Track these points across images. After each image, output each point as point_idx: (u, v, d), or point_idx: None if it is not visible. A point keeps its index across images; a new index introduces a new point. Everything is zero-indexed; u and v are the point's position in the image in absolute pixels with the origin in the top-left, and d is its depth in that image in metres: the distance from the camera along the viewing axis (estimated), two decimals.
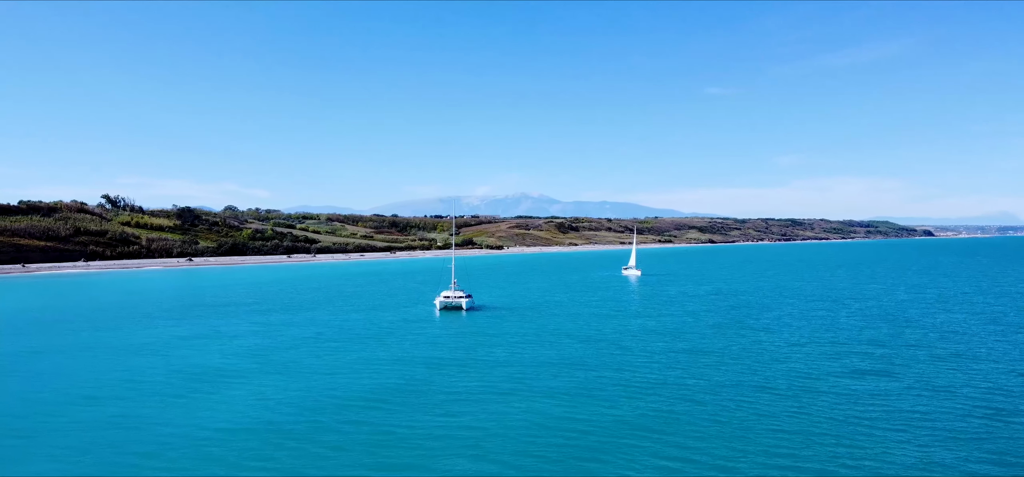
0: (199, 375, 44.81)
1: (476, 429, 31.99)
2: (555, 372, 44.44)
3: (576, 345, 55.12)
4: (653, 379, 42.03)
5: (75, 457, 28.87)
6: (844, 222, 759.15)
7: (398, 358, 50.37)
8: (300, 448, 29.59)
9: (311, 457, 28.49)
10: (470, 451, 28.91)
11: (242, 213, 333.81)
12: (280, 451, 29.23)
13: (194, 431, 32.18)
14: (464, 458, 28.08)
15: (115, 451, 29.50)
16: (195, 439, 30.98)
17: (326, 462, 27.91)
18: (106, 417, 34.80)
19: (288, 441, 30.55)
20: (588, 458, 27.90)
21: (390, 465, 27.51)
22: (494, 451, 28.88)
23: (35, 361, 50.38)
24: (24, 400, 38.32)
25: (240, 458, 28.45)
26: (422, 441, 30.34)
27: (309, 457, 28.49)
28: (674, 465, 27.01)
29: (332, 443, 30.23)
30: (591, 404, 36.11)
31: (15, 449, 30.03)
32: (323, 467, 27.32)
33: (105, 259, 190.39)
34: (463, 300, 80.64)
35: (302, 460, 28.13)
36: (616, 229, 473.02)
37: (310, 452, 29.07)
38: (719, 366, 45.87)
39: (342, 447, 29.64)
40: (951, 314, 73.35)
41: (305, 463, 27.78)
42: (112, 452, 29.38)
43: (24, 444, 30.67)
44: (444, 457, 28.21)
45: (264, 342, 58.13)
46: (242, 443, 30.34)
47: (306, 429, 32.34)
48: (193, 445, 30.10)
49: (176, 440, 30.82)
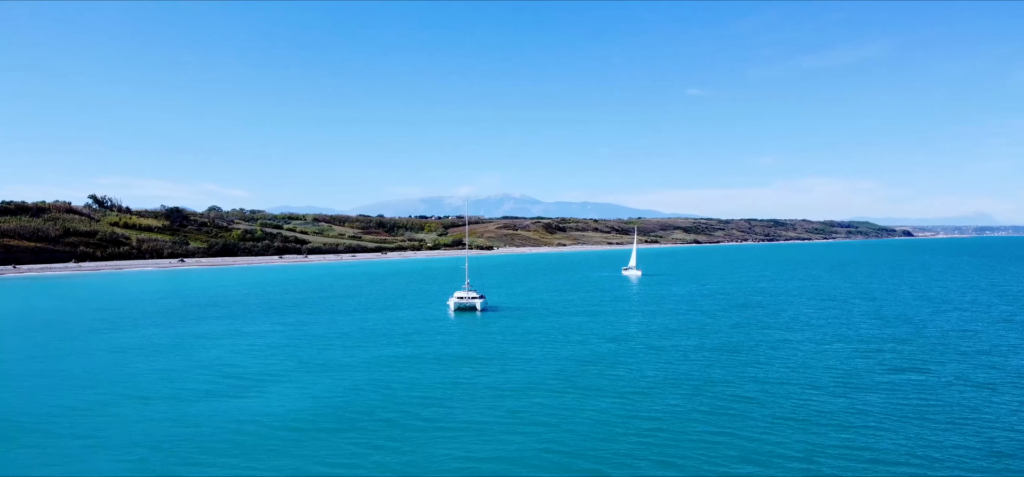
0: (240, 375, 44.70)
1: (547, 425, 32.29)
2: (598, 370, 44.86)
3: (606, 344, 55.57)
4: (699, 377, 42.56)
5: (146, 454, 28.82)
6: (825, 222, 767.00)
7: (434, 356, 50.49)
8: (375, 441, 29.74)
9: (393, 450, 28.66)
10: (556, 448, 29.22)
11: (228, 213, 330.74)
12: (356, 444, 29.39)
13: (257, 428, 32.20)
14: (556, 454, 28.39)
15: (188, 446, 29.47)
16: (259, 435, 31.02)
17: (411, 454, 28.08)
18: (166, 415, 34.70)
19: (366, 434, 30.70)
20: (674, 454, 28.33)
21: (477, 457, 27.75)
22: (580, 448, 29.22)
23: (71, 361, 49.94)
24: (80, 397, 38.06)
25: (319, 452, 28.55)
26: (502, 436, 30.60)
27: (390, 451, 28.66)
28: (762, 459, 27.51)
29: (405, 436, 30.39)
30: (648, 401, 36.56)
31: (86, 449, 29.89)
32: (409, 459, 27.52)
33: (95, 260, 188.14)
34: (477, 301, 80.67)
35: (388, 453, 28.31)
36: (603, 229, 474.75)
37: (389, 445, 29.24)
38: (757, 364, 46.51)
39: (419, 439, 29.81)
40: (963, 312, 74.76)
41: (391, 455, 27.97)
42: (186, 447, 29.35)
43: (91, 443, 30.54)
44: (533, 452, 28.50)
45: (293, 342, 57.98)
46: (322, 437, 30.44)
47: (375, 425, 32.48)
48: (260, 440, 30.15)
49: (244, 436, 30.84)
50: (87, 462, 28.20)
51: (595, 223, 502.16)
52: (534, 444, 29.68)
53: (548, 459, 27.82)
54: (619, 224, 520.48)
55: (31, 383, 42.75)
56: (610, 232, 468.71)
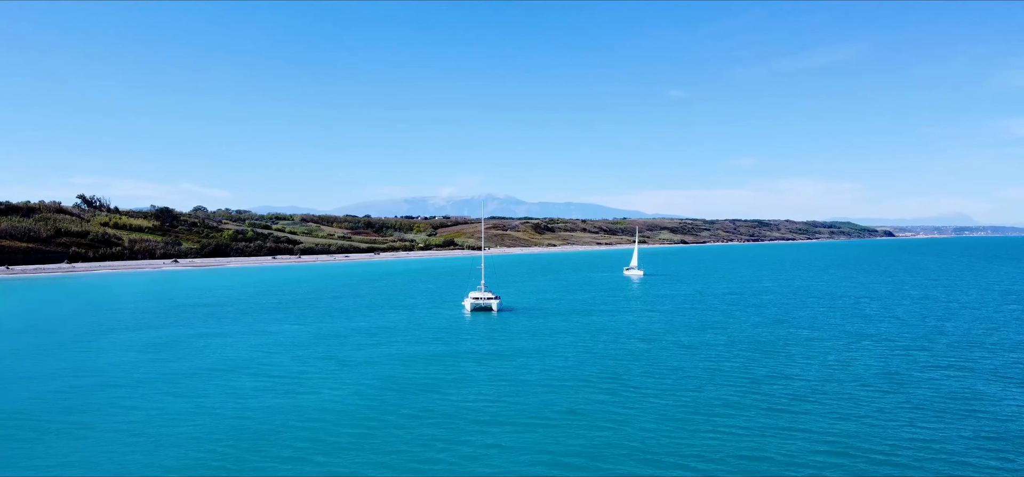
0: (282, 374, 44.62)
1: (616, 422, 32.65)
2: (642, 368, 45.33)
3: (638, 343, 56.02)
4: (744, 375, 43.16)
5: (232, 436, 28.85)
6: (808, 223, 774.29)
7: (470, 353, 50.59)
8: (451, 435, 29.94)
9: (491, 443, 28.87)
10: (634, 445, 29.58)
11: (214, 214, 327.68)
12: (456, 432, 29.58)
13: (323, 424, 32.28)
14: (638, 452, 28.75)
15: (262, 442, 29.50)
16: (328, 430, 31.12)
17: (494, 449, 28.32)
18: (226, 411, 34.65)
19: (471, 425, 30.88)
20: (751, 447, 28.78)
21: (556, 451, 28.04)
22: (657, 446, 29.59)
23: (104, 359, 49.50)
24: (126, 395, 37.84)
25: (393, 445, 28.72)
26: (574, 432, 30.90)
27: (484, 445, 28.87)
28: (848, 453, 28.05)
29: (474, 430, 30.60)
30: (705, 398, 37.03)
31: (152, 445, 29.82)
32: (492, 454, 27.76)
33: (88, 260, 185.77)
34: (493, 301, 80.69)
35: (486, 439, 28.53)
36: (591, 230, 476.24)
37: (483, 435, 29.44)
38: (795, 362, 47.23)
39: (492, 433, 30.04)
40: (978, 311, 76.13)
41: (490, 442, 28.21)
42: (260, 443, 29.38)
43: (157, 440, 30.46)
44: (613, 449, 28.84)
45: (321, 341, 57.88)
46: (389, 431, 30.58)
47: (441, 419, 32.67)
48: (330, 435, 30.26)
49: (314, 432, 30.92)
50: (158, 457, 28.15)
51: (583, 223, 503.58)
52: (610, 440, 30.02)
53: (636, 456, 28.17)
54: (607, 224, 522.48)
55: (72, 381, 42.37)
56: (598, 232, 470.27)
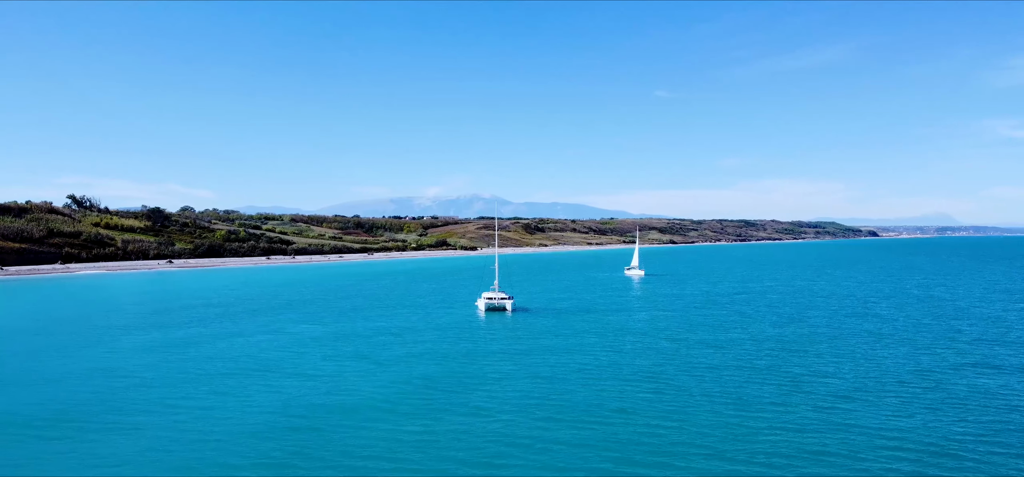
0: (315, 373, 44.46)
1: (672, 422, 32.87)
2: (680, 368, 45.60)
3: (666, 343, 56.30)
4: (783, 373, 43.57)
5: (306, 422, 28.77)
6: (794, 223, 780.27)
7: (500, 351, 50.63)
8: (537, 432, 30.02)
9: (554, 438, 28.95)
10: (697, 444, 29.81)
11: (203, 214, 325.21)
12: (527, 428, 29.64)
13: (382, 422, 32.28)
14: (702, 452, 28.97)
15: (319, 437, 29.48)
16: (388, 430, 31.14)
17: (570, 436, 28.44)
18: (274, 407, 34.54)
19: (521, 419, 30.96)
20: (817, 443, 29.10)
21: (622, 441, 28.21)
22: (722, 447, 29.83)
23: (139, 360, 49.08)
24: (168, 393, 37.57)
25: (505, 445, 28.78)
26: (641, 427, 31.07)
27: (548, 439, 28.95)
28: (908, 452, 28.44)
29: (540, 424, 30.70)
30: (752, 395, 37.34)
31: (204, 442, 29.65)
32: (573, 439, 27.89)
33: (81, 261, 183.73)
34: (507, 301, 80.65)
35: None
36: (581, 230, 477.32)
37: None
38: (829, 361, 47.77)
39: (560, 429, 30.16)
40: (986, 310, 77.26)
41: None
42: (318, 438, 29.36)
43: (214, 434, 30.29)
44: (682, 449, 29.05)
45: (345, 339, 57.71)
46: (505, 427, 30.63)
47: (507, 412, 32.74)
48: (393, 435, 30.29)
49: (372, 429, 30.91)
50: (220, 455, 28.01)
51: (573, 223, 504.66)
52: (674, 438, 30.23)
53: (704, 453, 28.38)
54: (596, 224, 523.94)
55: (108, 382, 41.95)
56: (588, 232, 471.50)
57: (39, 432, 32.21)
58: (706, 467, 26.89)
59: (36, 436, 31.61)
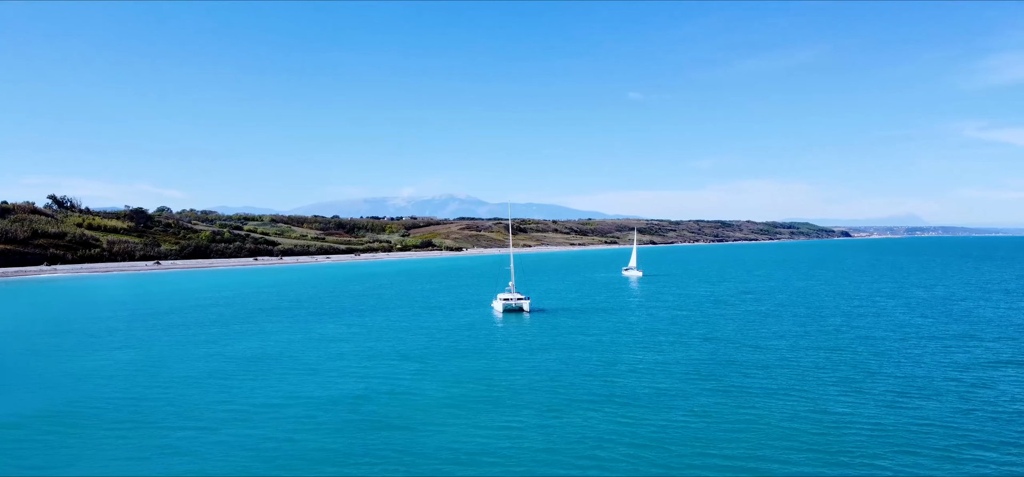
0: (363, 373, 44.50)
1: (746, 425, 33.53)
2: (734, 370, 46.30)
3: (704, 343, 56.97)
4: (841, 373, 44.42)
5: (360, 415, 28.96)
6: (768, 223, 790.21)
7: (541, 347, 51.00)
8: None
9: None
10: (802, 441, 30.49)
11: (183, 214, 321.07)
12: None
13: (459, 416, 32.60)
14: (782, 455, 29.67)
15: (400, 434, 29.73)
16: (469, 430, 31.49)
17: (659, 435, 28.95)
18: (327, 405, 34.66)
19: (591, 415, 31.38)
20: (906, 440, 29.95)
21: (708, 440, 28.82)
22: (824, 443, 30.56)
23: (196, 366, 48.70)
24: (239, 394, 37.46)
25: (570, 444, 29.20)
26: (732, 429, 31.68)
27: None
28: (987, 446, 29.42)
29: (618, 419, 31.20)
30: (820, 394, 38.20)
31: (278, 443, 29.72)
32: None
33: (67, 262, 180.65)
34: (524, 302, 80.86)
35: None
36: (562, 231, 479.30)
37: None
38: (859, 359, 48.85)
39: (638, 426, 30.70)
40: (996, 309, 79.34)
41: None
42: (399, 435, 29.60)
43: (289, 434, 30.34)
44: (768, 452, 29.72)
45: (383, 340, 57.64)
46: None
47: (595, 406, 33.17)
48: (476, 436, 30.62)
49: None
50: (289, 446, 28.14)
51: (554, 224, 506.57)
52: (768, 439, 30.87)
53: (803, 452, 29.06)
54: (577, 225, 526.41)
55: (167, 385, 41.69)
56: (569, 233, 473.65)
57: (163, 431, 32.04)
58: (814, 471, 27.58)
59: (159, 432, 31.45)
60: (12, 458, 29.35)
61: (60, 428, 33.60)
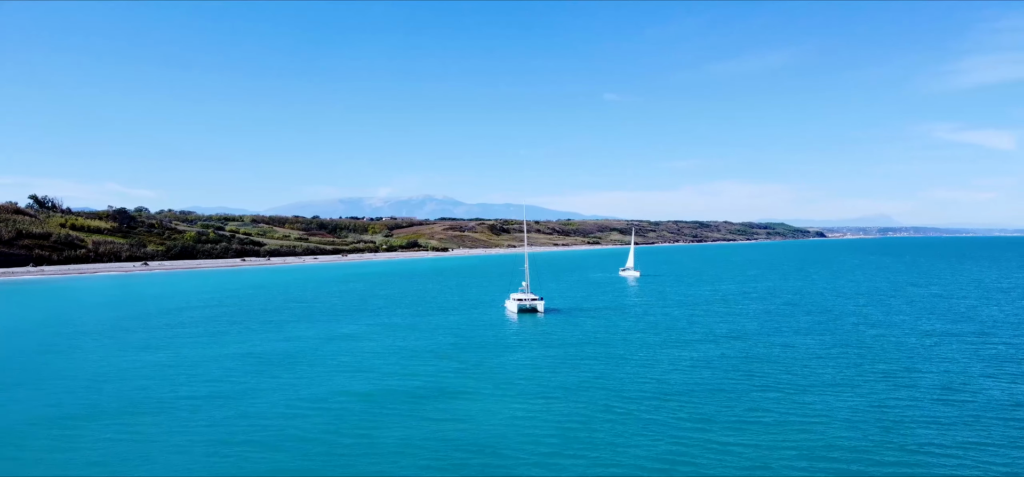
0: (423, 374, 44.66)
1: (804, 425, 34.33)
2: (780, 368, 47.18)
3: (734, 342, 57.90)
4: (878, 370, 45.52)
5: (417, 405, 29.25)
6: (745, 224, 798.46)
7: (579, 341, 51.47)
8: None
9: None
10: (836, 445, 31.30)
11: (160, 214, 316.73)
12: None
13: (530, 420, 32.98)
14: (846, 452, 30.45)
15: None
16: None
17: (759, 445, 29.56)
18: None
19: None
20: (970, 434, 30.88)
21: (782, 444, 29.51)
22: (898, 439, 31.38)
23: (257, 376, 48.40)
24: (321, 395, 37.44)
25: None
26: (800, 431, 32.41)
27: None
28: None
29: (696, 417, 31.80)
30: (874, 389, 39.14)
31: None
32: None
33: (53, 264, 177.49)
34: (538, 303, 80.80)
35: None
36: (545, 231, 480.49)
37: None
38: (887, 357, 50.04)
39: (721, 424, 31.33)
40: (1004, 307, 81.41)
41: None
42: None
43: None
44: (826, 449, 30.50)
45: (413, 339, 57.67)
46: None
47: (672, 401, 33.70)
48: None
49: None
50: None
51: (537, 224, 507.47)
52: (841, 440, 31.64)
53: (883, 450, 29.86)
54: (560, 225, 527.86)
55: (259, 402, 41.48)
56: (552, 233, 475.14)
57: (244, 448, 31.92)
58: (908, 472, 28.37)
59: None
60: (109, 447, 29.17)
61: (162, 419, 33.40)
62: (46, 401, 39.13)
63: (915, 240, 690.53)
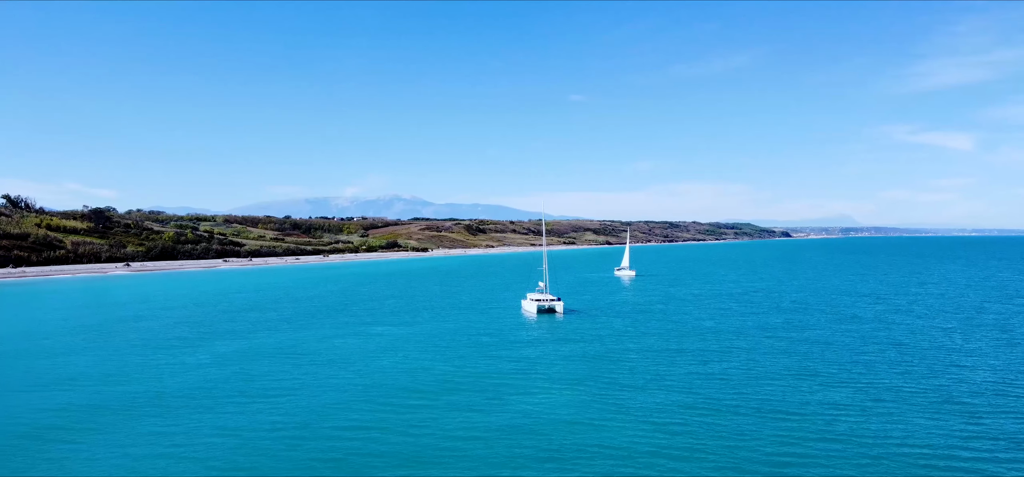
0: (471, 373, 45.06)
1: (893, 418, 35.63)
2: (831, 361, 48.55)
3: (769, 340, 59.27)
4: (930, 369, 47.15)
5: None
6: (713, 224, 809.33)
7: (617, 348, 52.34)
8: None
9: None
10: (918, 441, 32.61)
11: (131, 214, 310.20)
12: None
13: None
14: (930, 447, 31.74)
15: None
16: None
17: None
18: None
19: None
20: None
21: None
22: (981, 430, 32.73)
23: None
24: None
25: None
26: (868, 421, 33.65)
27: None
28: None
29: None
30: (941, 383, 40.66)
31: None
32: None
33: (32, 265, 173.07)
34: (557, 303, 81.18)
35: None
36: (520, 231, 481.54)
37: None
38: (916, 355, 51.90)
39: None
40: (1009, 305, 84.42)
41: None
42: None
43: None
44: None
45: (443, 341, 57.94)
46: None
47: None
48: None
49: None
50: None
51: (512, 224, 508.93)
52: (921, 437, 32.94)
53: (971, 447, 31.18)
54: (535, 225, 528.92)
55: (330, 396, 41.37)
56: (528, 233, 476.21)
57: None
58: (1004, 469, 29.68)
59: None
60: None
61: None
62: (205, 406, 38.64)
63: (878, 240, 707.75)
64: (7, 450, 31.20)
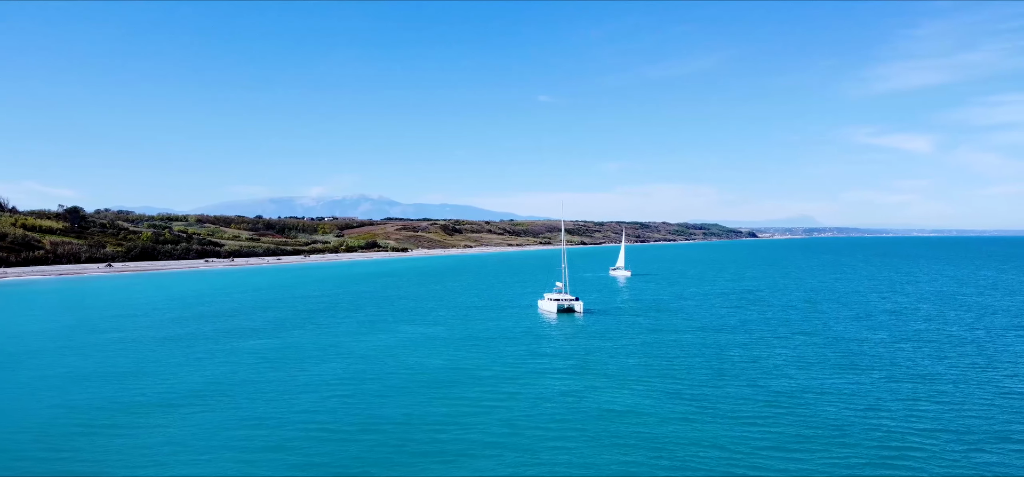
0: (522, 371, 45.71)
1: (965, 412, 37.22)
2: (877, 354, 50.17)
3: (800, 338, 60.82)
4: (969, 362, 49.03)
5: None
6: (682, 225, 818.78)
7: (661, 346, 53.43)
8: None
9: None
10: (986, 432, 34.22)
11: (101, 214, 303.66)
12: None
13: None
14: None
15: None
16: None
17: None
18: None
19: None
20: None
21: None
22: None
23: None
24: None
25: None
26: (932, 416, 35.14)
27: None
28: None
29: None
30: (995, 377, 42.44)
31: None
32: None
33: (11, 265, 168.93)
34: (576, 303, 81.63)
35: None
36: (496, 231, 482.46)
37: None
38: (943, 352, 53.99)
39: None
40: (1013, 302, 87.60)
41: None
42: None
43: None
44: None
45: (471, 341, 58.43)
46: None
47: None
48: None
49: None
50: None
51: (488, 225, 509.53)
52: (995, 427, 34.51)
53: None
54: (509, 225, 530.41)
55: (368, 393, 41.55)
56: (504, 233, 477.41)
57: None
58: None
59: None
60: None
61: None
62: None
63: (842, 240, 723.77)
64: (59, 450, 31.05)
